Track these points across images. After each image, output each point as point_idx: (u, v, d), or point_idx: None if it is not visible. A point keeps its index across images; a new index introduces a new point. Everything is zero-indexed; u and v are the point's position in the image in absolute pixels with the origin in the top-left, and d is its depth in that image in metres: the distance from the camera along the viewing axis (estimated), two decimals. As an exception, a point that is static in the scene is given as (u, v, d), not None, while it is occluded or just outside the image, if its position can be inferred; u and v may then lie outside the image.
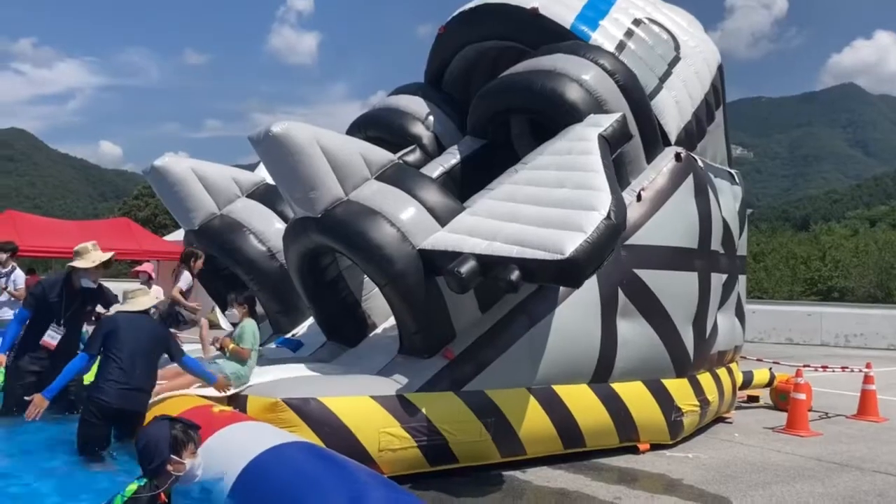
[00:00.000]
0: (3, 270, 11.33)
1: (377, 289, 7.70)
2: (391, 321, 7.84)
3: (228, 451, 4.76)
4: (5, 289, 11.23)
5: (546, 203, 6.54)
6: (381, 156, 7.54)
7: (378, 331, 8.32)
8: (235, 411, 5.93)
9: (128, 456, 5.67)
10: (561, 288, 7.19)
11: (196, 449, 3.76)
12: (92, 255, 7.15)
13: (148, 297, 6.37)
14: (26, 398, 5.89)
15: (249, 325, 7.22)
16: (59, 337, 6.99)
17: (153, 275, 13.16)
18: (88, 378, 6.34)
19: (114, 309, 6.57)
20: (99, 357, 5.90)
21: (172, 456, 3.65)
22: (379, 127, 10.23)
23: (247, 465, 4.47)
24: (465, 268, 6.11)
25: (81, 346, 6.59)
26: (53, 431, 6.18)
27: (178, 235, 19.71)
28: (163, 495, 3.66)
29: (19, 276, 11.51)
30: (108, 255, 7.29)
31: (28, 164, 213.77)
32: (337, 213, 6.99)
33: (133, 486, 3.58)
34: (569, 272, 5.94)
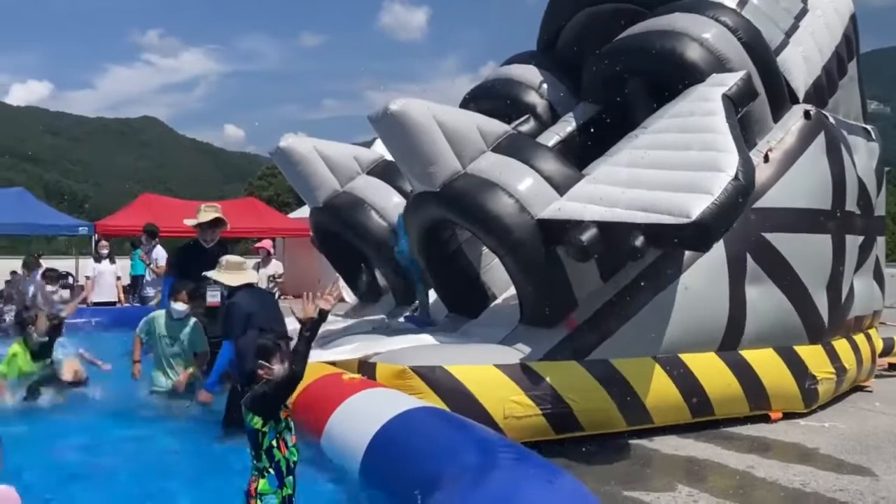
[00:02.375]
0: (148, 249, 12.21)
1: (496, 260, 7.78)
2: (511, 291, 7.89)
3: (360, 416, 4.98)
4: (149, 265, 12.10)
5: (669, 166, 6.39)
6: (497, 127, 7.55)
7: (498, 301, 8.39)
8: (365, 378, 6.15)
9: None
10: (687, 253, 7.03)
11: (282, 358, 3.91)
12: (203, 214, 7.74)
13: (242, 273, 6.47)
14: None
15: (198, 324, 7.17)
16: (219, 293, 6.96)
17: (272, 251, 13.80)
18: None
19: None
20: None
21: (262, 362, 3.85)
22: (492, 98, 10.23)
23: (379, 430, 4.64)
24: (587, 235, 6.07)
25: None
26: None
27: (302, 213, 20.48)
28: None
29: (161, 255, 12.32)
30: (218, 215, 7.67)
31: (159, 149, 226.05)
32: (455, 186, 7.07)
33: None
34: (696, 236, 5.81)
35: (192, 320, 7.03)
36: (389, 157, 9.25)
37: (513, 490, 3.34)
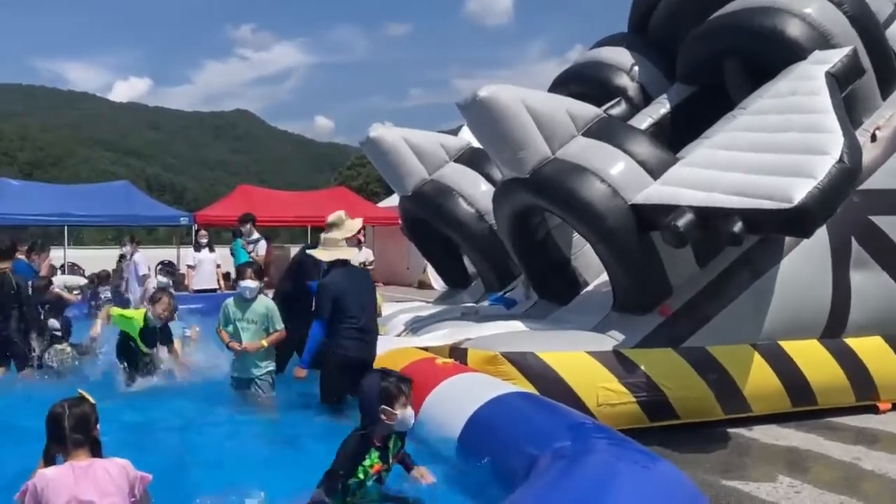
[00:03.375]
0: (250, 239, 12.66)
1: (587, 245, 7.70)
2: (603, 278, 7.81)
3: (455, 399, 5.03)
4: (251, 253, 12.56)
5: (770, 149, 6.17)
6: (587, 111, 7.45)
7: (589, 288, 8.31)
8: (457, 363, 6.21)
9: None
10: (787, 238, 6.80)
11: (407, 401, 4.00)
12: (347, 224, 7.08)
13: (352, 250, 6.64)
14: None
15: (270, 302, 6.97)
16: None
17: (362, 238, 14.04)
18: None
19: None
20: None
21: (385, 406, 3.93)
22: (582, 82, 10.09)
23: (474, 413, 4.68)
24: (682, 221, 5.94)
25: None
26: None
27: (391, 202, 20.76)
28: (375, 440, 3.97)
29: (261, 246, 12.80)
30: (358, 220, 7.35)
31: (252, 141, 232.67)
32: (545, 171, 7.03)
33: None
34: (798, 222, 5.60)
35: (266, 299, 6.88)
36: (476, 145, 9.28)
37: (609, 475, 3.32)
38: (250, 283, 6.63)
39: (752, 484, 5.32)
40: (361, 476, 3.90)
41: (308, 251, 6.97)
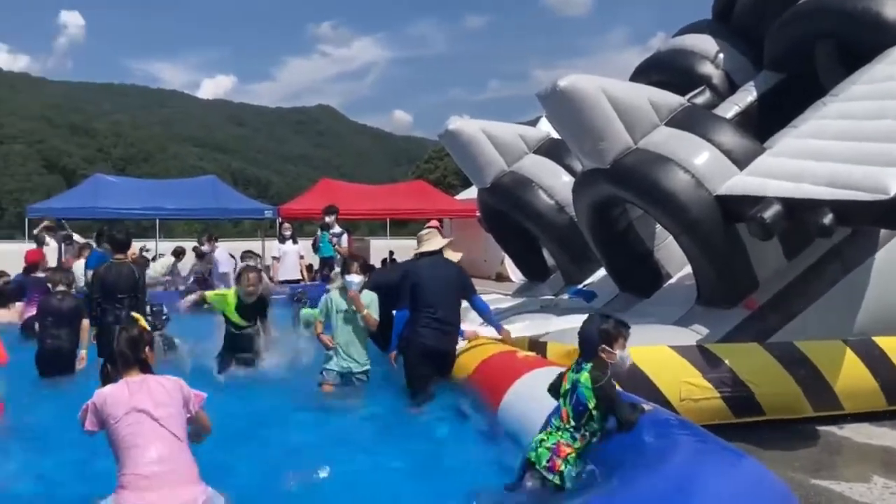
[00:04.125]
0: (333, 231, 13.02)
1: (670, 237, 7.56)
2: (686, 270, 7.65)
3: (537, 392, 5.01)
4: (335, 245, 12.93)
5: (863, 137, 5.92)
6: (670, 100, 7.30)
7: (672, 280, 8.16)
8: (538, 357, 6.20)
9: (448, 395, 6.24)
10: (882, 230, 6.52)
11: (625, 343, 4.17)
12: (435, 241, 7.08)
13: (437, 238, 6.76)
14: None
15: (373, 295, 6.91)
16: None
17: (441, 230, 14.14)
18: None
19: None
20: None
21: (604, 346, 4.08)
22: (664, 70, 9.88)
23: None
24: (769, 213, 5.77)
25: None
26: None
27: (468, 194, 20.80)
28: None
29: (344, 238, 13.14)
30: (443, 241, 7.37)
31: (333, 136, 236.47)
32: (626, 162, 6.93)
33: (585, 374, 4.04)
34: (893, 214, 5.36)
35: (367, 292, 6.82)
36: (556, 135, 9.21)
37: (693, 471, 3.28)
38: (355, 278, 6.64)
39: (845, 484, 5.15)
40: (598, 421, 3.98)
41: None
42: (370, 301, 6.74)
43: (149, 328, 3.94)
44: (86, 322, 7.42)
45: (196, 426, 3.69)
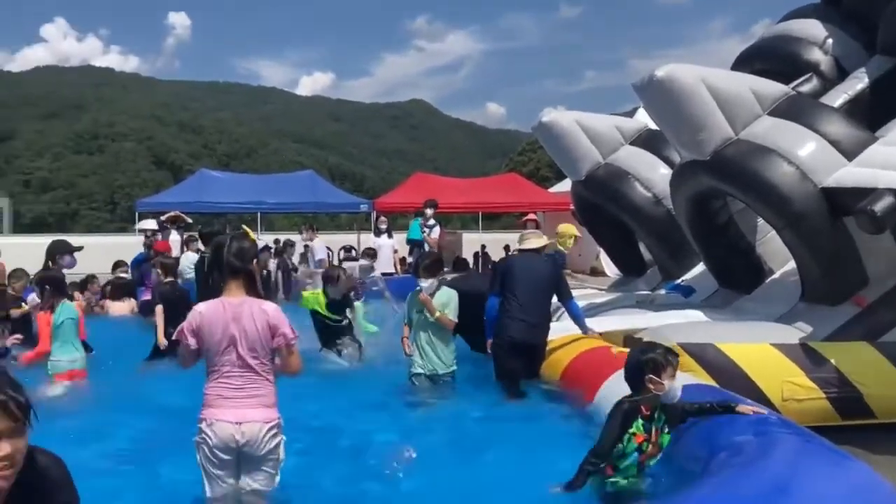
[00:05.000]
0: (428, 223, 13.22)
1: (773, 232, 7.30)
2: (790, 266, 7.36)
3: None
4: (425, 237, 13.15)
5: None
6: (774, 89, 7.04)
7: (775, 276, 7.87)
8: (633, 353, 6.10)
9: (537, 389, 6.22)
10: None
11: (674, 372, 4.00)
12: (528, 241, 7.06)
13: (539, 239, 6.76)
14: None
15: (451, 292, 6.61)
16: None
17: (539, 223, 14.09)
18: None
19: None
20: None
21: (652, 376, 3.95)
22: (768, 58, 9.49)
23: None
24: (880, 205, 5.51)
25: None
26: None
27: (562, 187, 20.62)
28: (644, 409, 3.99)
29: (436, 230, 13.31)
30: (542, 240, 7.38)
31: (427, 130, 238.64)
32: (727, 153, 6.72)
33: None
34: None
35: (447, 290, 6.57)
36: (653, 126, 9.02)
37: (794, 472, 3.17)
38: (424, 283, 6.59)
39: (962, 493, 4.84)
40: (626, 443, 3.93)
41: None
42: (447, 300, 6.46)
43: (253, 237, 4.11)
44: (158, 308, 7.82)
45: (283, 361, 3.79)
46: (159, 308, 7.83)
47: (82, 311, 7.42)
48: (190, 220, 15.40)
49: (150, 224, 16.85)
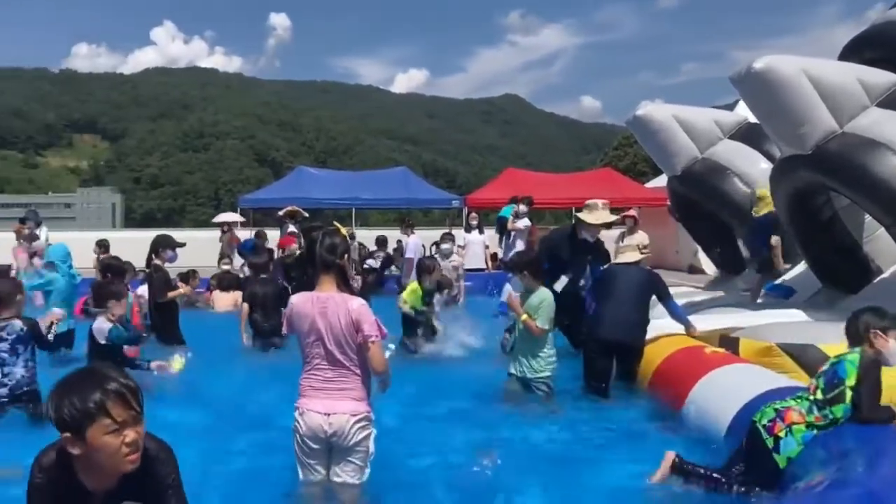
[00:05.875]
0: (520, 214, 13.32)
1: (881, 229, 6.95)
2: (901, 264, 7.01)
3: (724, 390, 4.82)
4: (510, 227, 13.33)
5: None
6: (884, 79, 6.71)
7: (885, 275, 7.49)
8: (728, 353, 5.93)
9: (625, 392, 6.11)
10: None
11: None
12: (598, 214, 7.45)
13: (633, 253, 6.64)
14: None
15: (546, 295, 6.04)
16: (566, 281, 7.45)
17: (638, 220, 13.81)
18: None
19: None
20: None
21: (877, 331, 3.84)
22: (879, 46, 8.97)
23: (745, 406, 4.45)
24: None
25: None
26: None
27: (658, 182, 20.15)
28: None
29: (521, 222, 13.34)
30: (614, 217, 7.58)
31: (520, 125, 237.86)
32: (831, 147, 6.45)
33: (856, 353, 3.82)
34: None
35: (544, 291, 6.06)
36: (754, 120, 8.72)
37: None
38: (514, 282, 6.46)
39: None
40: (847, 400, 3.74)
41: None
42: (538, 302, 5.94)
43: (344, 232, 4.26)
44: (244, 306, 8.25)
45: (368, 357, 3.81)
46: (245, 306, 8.27)
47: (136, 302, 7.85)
48: (307, 215, 15.79)
49: (226, 217, 18.05)
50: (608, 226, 7.69)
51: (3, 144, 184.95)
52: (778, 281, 8.73)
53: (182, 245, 8.23)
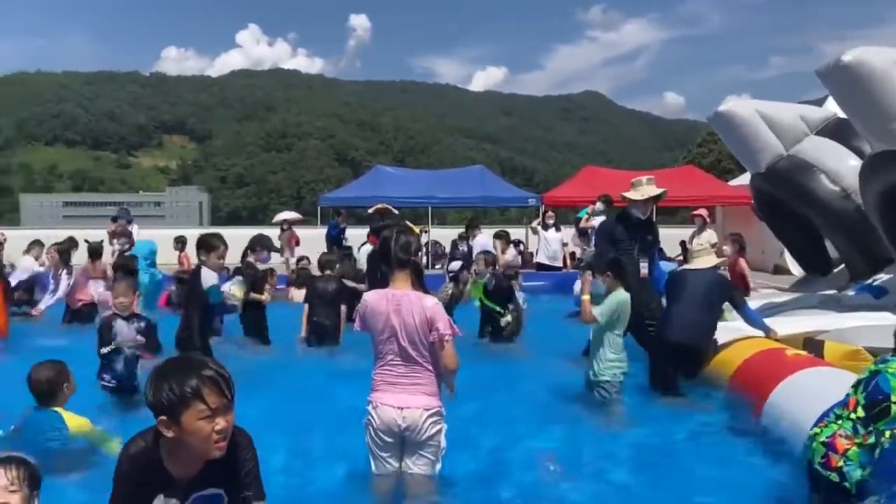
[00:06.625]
0: (596, 212, 13.22)
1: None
2: None
3: (806, 395, 4.66)
4: (584, 223, 13.23)
5: None
6: None
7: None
8: (811, 356, 5.73)
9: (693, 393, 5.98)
10: None
11: None
12: (643, 189, 7.48)
13: (710, 257, 6.50)
14: None
15: (621, 296, 5.90)
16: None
17: (707, 219, 13.54)
18: None
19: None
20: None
21: None
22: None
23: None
24: None
25: None
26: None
27: (743, 180, 19.60)
28: None
29: (597, 219, 13.21)
30: (660, 190, 7.51)
31: (599, 122, 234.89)
32: (926, 143, 6.14)
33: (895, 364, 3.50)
34: None
35: (620, 294, 5.87)
36: (843, 115, 8.39)
37: None
38: (577, 284, 6.35)
39: None
40: None
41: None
42: (616, 304, 5.80)
43: (417, 231, 4.37)
44: (305, 306, 8.51)
45: (441, 355, 3.84)
46: (306, 306, 8.54)
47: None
48: (396, 212, 16.01)
49: (286, 216, 19.09)
50: (655, 199, 7.53)
51: (98, 145, 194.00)
52: (869, 281, 8.38)
53: (277, 250, 8.55)
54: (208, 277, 6.29)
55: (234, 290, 6.69)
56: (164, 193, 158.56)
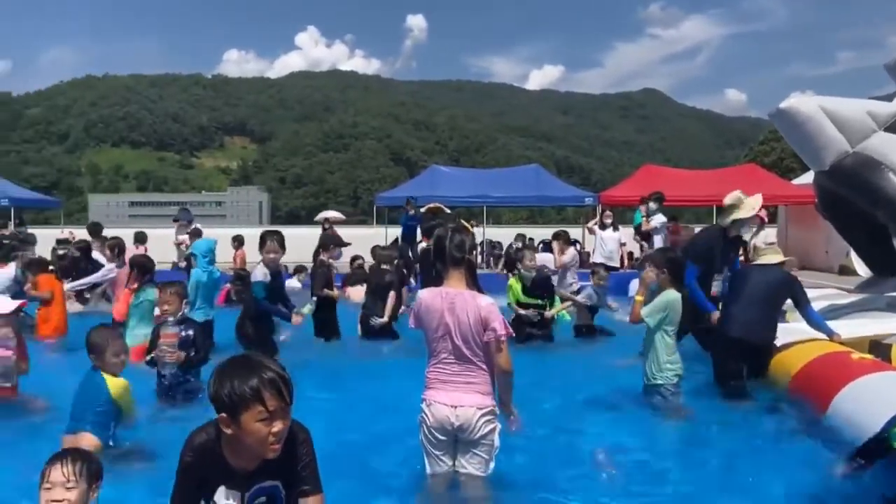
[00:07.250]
0: (659, 219, 13.02)
1: None
2: None
3: (872, 399, 4.51)
4: (647, 219, 13.08)
5: None
6: None
7: None
8: (877, 360, 5.55)
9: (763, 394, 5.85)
10: None
11: None
12: (747, 203, 7.20)
13: (776, 255, 6.36)
14: None
15: (672, 295, 5.70)
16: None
17: (765, 219, 13.29)
18: None
19: None
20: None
21: None
22: None
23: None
24: None
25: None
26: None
27: (807, 179, 19.09)
28: None
29: (655, 219, 13.02)
30: (760, 200, 7.33)
31: (658, 120, 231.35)
32: None
33: None
34: None
35: (670, 293, 5.70)
36: (914, 111, 8.10)
37: None
38: (636, 283, 6.32)
39: None
40: None
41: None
42: (667, 303, 5.64)
43: (471, 229, 4.38)
44: (391, 294, 8.75)
45: (496, 355, 3.83)
46: (391, 294, 8.76)
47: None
48: (449, 211, 16.08)
49: (328, 214, 20.30)
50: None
51: (162, 146, 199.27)
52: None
53: (348, 244, 8.94)
54: (256, 273, 7.00)
55: (304, 311, 7.56)
56: (225, 193, 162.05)
